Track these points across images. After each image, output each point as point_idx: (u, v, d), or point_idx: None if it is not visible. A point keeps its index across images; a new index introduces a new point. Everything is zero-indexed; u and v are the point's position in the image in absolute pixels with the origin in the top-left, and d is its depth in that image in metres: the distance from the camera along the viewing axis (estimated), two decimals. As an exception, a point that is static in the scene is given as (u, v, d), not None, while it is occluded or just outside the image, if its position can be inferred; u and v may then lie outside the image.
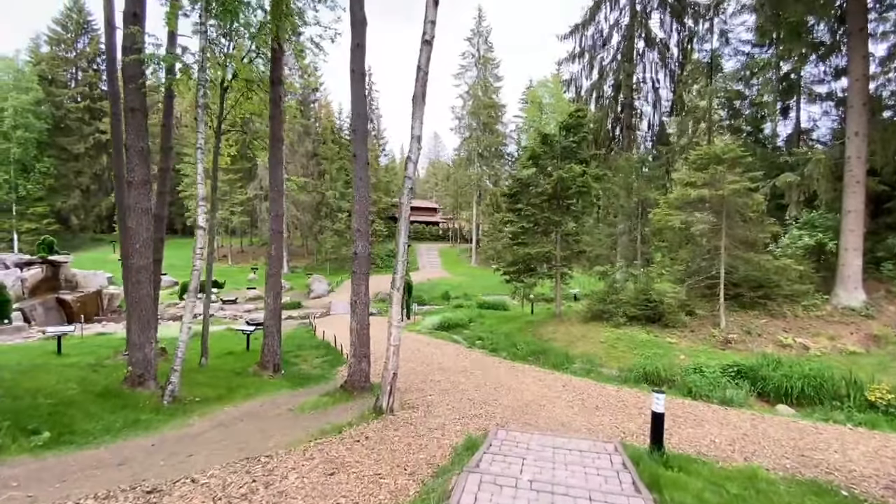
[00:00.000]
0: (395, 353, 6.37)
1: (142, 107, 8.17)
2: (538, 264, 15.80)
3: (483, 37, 49.58)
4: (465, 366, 11.06)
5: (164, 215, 13.24)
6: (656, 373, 10.01)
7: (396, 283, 6.28)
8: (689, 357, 10.85)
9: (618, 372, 11.04)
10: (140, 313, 8.16)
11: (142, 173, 8.08)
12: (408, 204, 6.19)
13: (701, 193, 11.00)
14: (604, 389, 8.32)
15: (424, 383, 9.26)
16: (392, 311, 6.32)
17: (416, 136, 6.16)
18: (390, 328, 6.37)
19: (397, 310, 6.31)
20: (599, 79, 22.90)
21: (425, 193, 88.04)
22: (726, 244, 11.69)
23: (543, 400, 7.62)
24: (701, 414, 6.82)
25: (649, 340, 12.16)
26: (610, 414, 6.74)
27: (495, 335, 15.63)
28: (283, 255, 10.36)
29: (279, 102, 11.02)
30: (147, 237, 8.19)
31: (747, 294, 12.53)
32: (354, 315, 8.85)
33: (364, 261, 8.79)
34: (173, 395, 7.58)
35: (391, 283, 6.39)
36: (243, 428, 6.44)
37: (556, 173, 13.85)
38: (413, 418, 6.36)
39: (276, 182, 11.06)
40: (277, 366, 10.99)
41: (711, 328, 12.00)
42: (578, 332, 13.81)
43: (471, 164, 49.73)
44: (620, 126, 23.36)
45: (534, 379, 9.34)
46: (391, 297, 6.33)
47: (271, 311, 11.02)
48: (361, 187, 8.73)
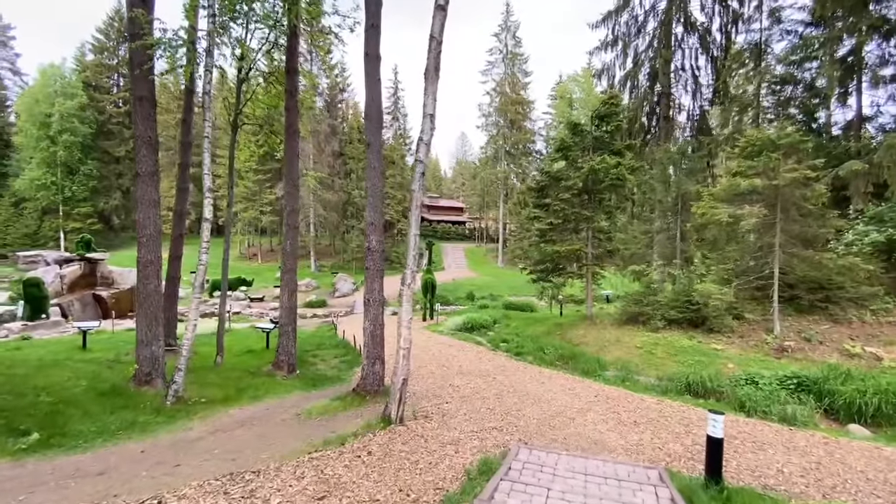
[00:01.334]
0: (406, 356, 5.73)
1: (150, 95, 7.88)
2: (567, 263, 14.86)
3: (511, 32, 48.58)
4: (486, 370, 10.33)
5: (185, 212, 13.17)
6: (701, 383, 8.98)
7: (407, 279, 5.64)
8: (738, 366, 9.73)
9: (656, 381, 10.04)
10: (148, 309, 7.87)
11: (149, 165, 7.78)
12: (420, 192, 5.54)
13: (753, 184, 9.84)
14: (642, 401, 7.40)
15: (442, 389, 8.59)
16: (402, 311, 5.69)
17: (428, 115, 5.51)
18: (400, 328, 5.73)
19: (408, 308, 5.67)
20: (634, 67, 21.62)
21: (452, 193, 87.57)
22: (781, 241, 10.46)
23: (572, 411, 6.81)
24: (761, 435, 5.84)
25: (692, 346, 11.06)
26: (650, 431, 5.87)
27: (521, 338, 14.79)
28: (297, 251, 9.93)
29: (295, 93, 10.62)
30: (154, 231, 7.90)
31: (805, 296, 11.21)
32: (368, 314, 8.30)
33: (378, 256, 8.22)
34: (177, 395, 7.22)
35: (402, 280, 5.76)
36: (242, 434, 5.96)
37: (588, 165, 12.90)
38: (425, 430, 5.70)
39: (291, 175, 10.67)
40: (292, 366, 10.58)
41: (764, 334, 10.78)
42: (611, 336, 12.81)
43: (497, 162, 48.77)
44: (657, 117, 22.00)
45: (562, 387, 8.51)
46: (402, 295, 5.69)
47: (286, 309, 10.63)
48: (374, 177, 8.16)
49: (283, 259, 10.72)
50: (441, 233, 60.66)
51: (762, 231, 10.92)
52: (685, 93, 21.71)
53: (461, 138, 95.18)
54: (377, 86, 8.31)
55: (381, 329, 8.35)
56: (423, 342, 14.71)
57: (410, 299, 5.68)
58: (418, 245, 5.66)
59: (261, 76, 11.12)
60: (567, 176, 14.14)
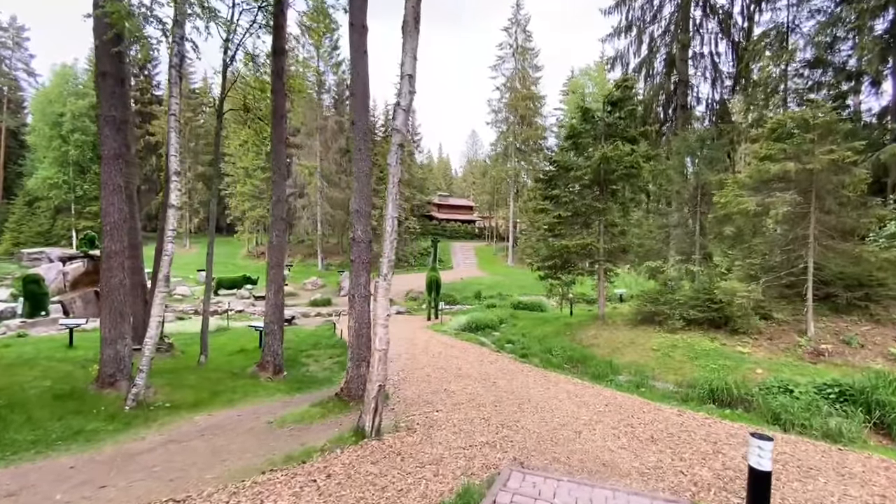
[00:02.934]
0: (382, 360, 4.91)
1: (115, 70, 7.22)
2: (578, 259, 13.89)
3: (521, 26, 47.47)
4: (487, 373, 9.48)
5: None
6: (727, 390, 8.00)
7: (383, 269, 4.83)
8: (768, 371, 8.70)
9: (675, 387, 9.07)
10: (112, 305, 7.21)
11: (114, 146, 7.12)
12: (397, 166, 4.73)
13: (784, 168, 8.80)
14: (659, 412, 6.48)
15: (435, 394, 7.77)
16: (377, 306, 4.88)
17: (406, 75, 4.69)
18: (375, 327, 4.92)
19: (384, 304, 4.86)
20: (649, 54, 20.49)
21: (462, 192, 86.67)
22: (816, 232, 9.39)
23: (579, 423, 5.92)
24: (805, 456, 4.88)
25: (714, 349, 10.04)
26: (671, 450, 4.95)
27: (527, 338, 13.90)
28: (285, 245, 9.18)
29: (282, 74, 9.91)
30: (119, 219, 7.23)
31: (842, 294, 10.11)
32: (353, 311, 7.52)
33: (364, 246, 7.43)
34: (137, 399, 6.53)
35: (378, 271, 4.94)
36: (198, 447, 5.21)
37: (600, 152, 11.94)
38: (404, 445, 4.88)
39: (278, 163, 9.95)
40: (278, 367, 9.87)
41: (795, 336, 9.71)
42: (625, 337, 11.84)
43: (507, 159, 47.73)
44: (673, 106, 20.85)
45: (568, 393, 7.61)
46: (377, 289, 4.88)
47: (272, 307, 9.92)
48: (360, 160, 7.37)
49: (269, 253, 10.02)
50: (450, 231, 59.84)
51: (794, 222, 9.85)
52: (704, 80, 20.52)
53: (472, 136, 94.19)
54: (363, 59, 7.52)
55: (368, 328, 7.56)
56: (424, 342, 13.91)
57: (387, 293, 4.86)
58: (395, 230, 4.85)
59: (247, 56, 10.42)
60: (577, 165, 13.19)
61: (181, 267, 43.05)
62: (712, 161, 14.12)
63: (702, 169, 13.81)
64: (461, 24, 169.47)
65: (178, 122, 6.97)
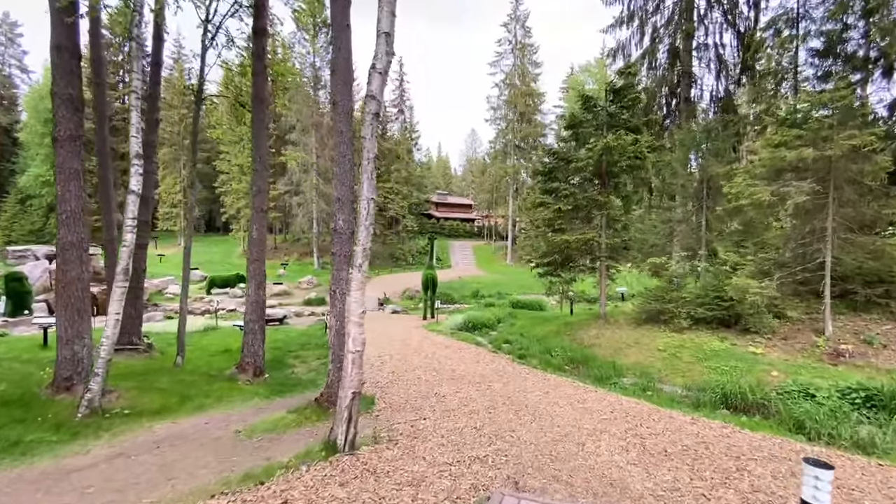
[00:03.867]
0: (357, 363, 4.27)
1: (71, 44, 6.58)
2: (579, 255, 13.25)
3: (520, 22, 46.84)
4: (482, 375, 8.85)
5: (151, 196, 11.95)
6: (741, 394, 7.37)
7: (357, 258, 4.19)
8: (784, 374, 8.07)
9: (683, 390, 8.44)
10: (69, 300, 6.57)
11: (70, 127, 6.47)
12: (372, 140, 4.10)
13: (801, 155, 8.17)
14: (671, 420, 5.84)
15: (425, 398, 7.14)
16: (350, 302, 4.24)
17: (383, 33, 4.06)
18: (348, 326, 4.29)
19: (358, 299, 4.22)
20: (652, 45, 19.83)
21: (462, 191, 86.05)
22: (834, 224, 8.76)
23: (582, 433, 5.29)
24: (843, 474, 4.25)
25: (724, 349, 9.41)
26: (688, 466, 4.32)
27: (526, 338, 13.26)
28: (265, 238, 8.53)
29: (263, 56, 9.27)
30: (76, 207, 6.59)
31: (861, 291, 9.47)
32: (333, 308, 6.90)
33: (347, 238, 6.80)
34: (91, 406, 5.88)
35: (350, 261, 4.31)
36: (147, 462, 4.57)
37: (602, 141, 11.30)
38: (381, 461, 4.25)
39: (259, 152, 9.31)
40: (259, 368, 9.23)
41: (812, 335, 9.08)
42: (628, 337, 11.20)
43: (507, 157, 47.10)
44: (677, 99, 20.20)
45: (570, 398, 6.97)
46: (349, 281, 4.24)
47: (252, 304, 9.28)
48: (342, 144, 6.74)
49: (250, 247, 9.38)
50: (449, 230, 59.19)
51: (809, 214, 9.22)
52: (708, 72, 19.85)
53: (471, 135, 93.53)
54: (346, 33, 6.88)
55: (350, 327, 6.92)
56: (417, 342, 13.29)
57: (362, 286, 4.23)
58: (372, 214, 4.21)
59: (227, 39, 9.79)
60: (577, 157, 12.55)
61: (174, 266, 42.38)
62: (719, 153, 13.49)
63: (708, 160, 13.17)
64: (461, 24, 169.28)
65: (139, 99, 6.33)
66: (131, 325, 11.32)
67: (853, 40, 15.82)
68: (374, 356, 11.41)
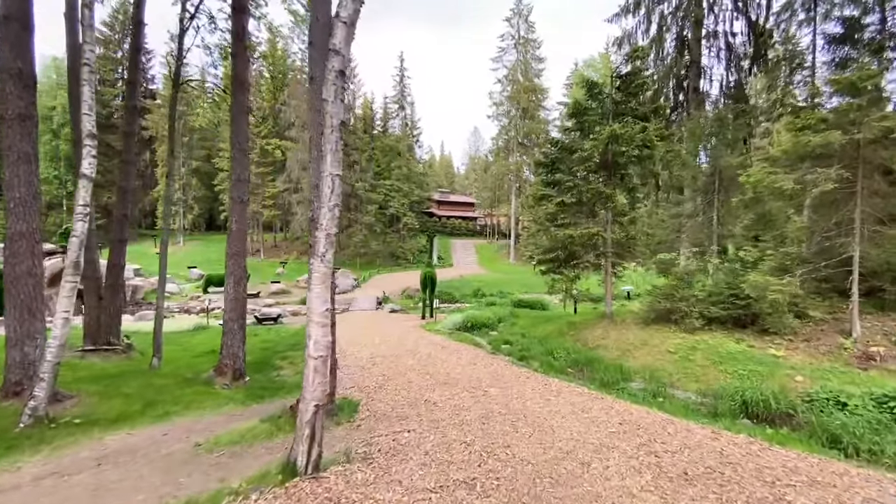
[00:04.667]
0: (319, 371, 3.61)
1: (19, 13, 5.94)
2: (583, 251, 12.54)
3: (523, 16, 46.07)
4: (478, 379, 8.17)
5: (131, 188, 11.35)
6: (763, 402, 6.68)
7: (319, 247, 3.53)
8: (809, 379, 7.36)
9: (697, 396, 7.74)
10: (18, 298, 5.94)
11: (18, 105, 5.85)
12: (336, 104, 3.44)
13: (827, 139, 7.44)
14: (689, 433, 5.14)
15: (413, 406, 6.48)
16: (311, 298, 3.58)
17: (348, -25, 3.38)
18: (308, 327, 3.62)
19: (321, 295, 3.56)
20: (659, 33, 19.09)
21: (464, 189, 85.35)
22: (863, 216, 8.02)
23: (587, 450, 4.60)
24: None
25: (741, 352, 8.69)
26: (715, 495, 3.62)
27: (527, 339, 12.58)
28: (246, 230, 7.87)
29: (243, 36, 8.63)
30: (28, 193, 5.96)
31: (890, 288, 8.74)
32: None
33: (325, 229, 6.14)
34: (35, 414, 5.25)
35: (312, 251, 3.63)
36: (80, 483, 3.93)
37: (608, 129, 10.59)
38: (348, 487, 3.58)
39: (239, 138, 8.67)
40: (239, 371, 8.58)
41: (839, 337, 8.35)
42: (636, 337, 10.50)
43: (509, 154, 46.37)
44: (685, 90, 19.45)
45: (573, 406, 6.28)
46: (311, 273, 3.58)
47: (231, 301, 8.64)
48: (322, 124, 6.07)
49: (229, 240, 8.74)
50: (451, 228, 58.53)
51: (834, 204, 8.48)
52: (718, 61, 19.09)
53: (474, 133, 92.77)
54: (326, 2, 6.21)
55: (330, 326, 6.26)
56: (412, 343, 12.62)
57: (326, 280, 3.56)
58: (338, 194, 3.55)
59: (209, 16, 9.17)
60: (582, 147, 11.84)
61: (173, 264, 41.85)
62: (732, 142, 12.75)
63: (720, 150, 12.43)
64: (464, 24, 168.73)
65: (91, 73, 5.68)
66: (109, 325, 10.76)
67: (872, 26, 15.05)
68: (366, 357, 10.77)
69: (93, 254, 10.83)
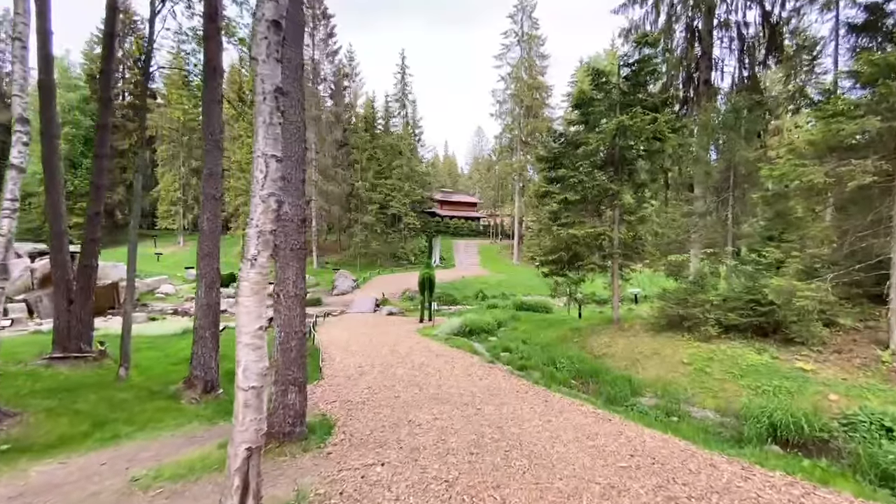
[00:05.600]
0: (253, 405, 2.83)
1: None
2: (587, 252, 11.73)
3: (527, 13, 45.19)
4: (472, 394, 7.39)
5: (104, 184, 10.69)
6: (795, 425, 5.84)
7: (250, 248, 2.76)
8: (845, 397, 6.52)
9: (716, 415, 6.93)
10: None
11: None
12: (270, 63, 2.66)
13: (864, 125, 6.61)
14: (714, 471, 4.32)
15: (395, 428, 5.71)
16: (239, 313, 2.81)
17: None
18: (238, 349, 2.85)
19: (252, 307, 2.79)
20: (668, 23, 18.19)
21: (468, 189, 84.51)
22: (902, 213, 7.15)
23: (592, 494, 3.81)
24: None
25: (763, 364, 7.86)
26: (757, 565, 2.82)
27: (529, 346, 11.80)
28: (219, 230, 7.12)
29: (217, 17, 7.92)
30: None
31: (930, 295, 7.85)
32: (277, 316, 5.50)
33: (295, 228, 5.43)
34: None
35: (244, 251, 2.87)
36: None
37: (616, 121, 9.78)
38: (289, 553, 2.82)
39: (210, 128, 7.94)
40: (211, 384, 7.86)
41: (874, 348, 7.50)
42: (646, 346, 9.68)
43: (513, 153, 45.51)
44: (695, 83, 18.53)
45: (577, 431, 5.49)
46: (240, 282, 2.81)
47: (203, 307, 7.92)
48: (291, 107, 5.33)
49: (200, 240, 8.02)
50: (454, 229, 57.70)
51: (868, 201, 7.62)
52: (730, 53, 18.14)
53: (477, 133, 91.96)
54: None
55: (299, 338, 5.53)
56: (406, 350, 11.85)
57: (260, 290, 2.80)
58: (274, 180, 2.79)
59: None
60: (587, 140, 11.03)
61: (172, 265, 41.50)
62: (748, 135, 11.88)
63: (736, 145, 11.57)
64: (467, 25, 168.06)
65: (23, 49, 4.97)
66: (80, 331, 10.08)
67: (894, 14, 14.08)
68: (354, 366, 10.03)
69: (64, 255, 10.18)
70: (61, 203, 10.35)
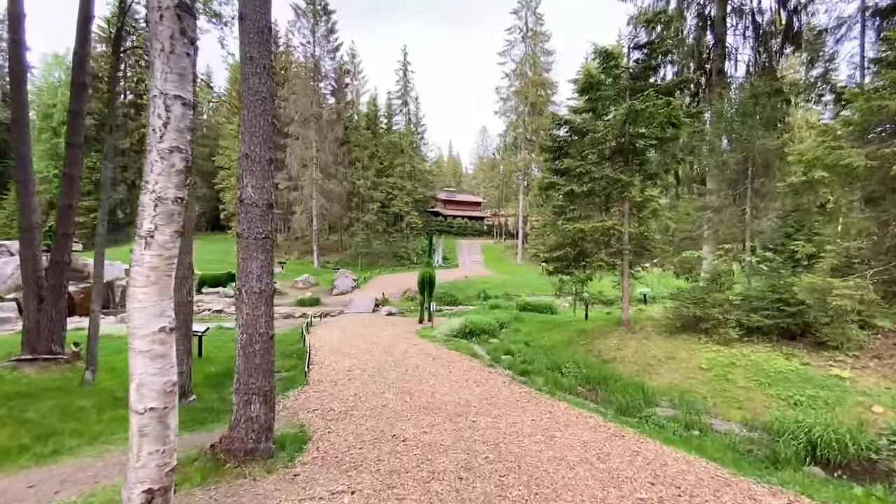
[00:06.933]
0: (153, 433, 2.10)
1: None
2: (595, 248, 10.95)
3: (531, 9, 44.38)
4: (468, 402, 6.66)
5: (77, 176, 10.08)
6: (838, 443, 5.05)
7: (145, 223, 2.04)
8: (890, 409, 5.71)
9: (743, 429, 6.12)
10: None
11: None
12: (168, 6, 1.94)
13: (914, 100, 5.82)
14: (753, 503, 3.55)
15: (376, 444, 4.99)
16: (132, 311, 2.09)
17: None
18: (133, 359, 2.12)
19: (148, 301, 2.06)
20: (679, 9, 17.37)
21: (472, 189, 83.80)
22: (952, 201, 6.34)
23: (607, 535, 3.05)
24: None
25: (793, 371, 7.05)
26: None
27: (532, 348, 11.04)
28: (192, 220, 6.42)
29: None
30: None
31: (981, 294, 7.03)
32: (240, 315, 4.81)
33: (258, 215, 4.74)
34: None
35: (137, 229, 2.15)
36: None
37: (626, 105, 9.01)
38: None
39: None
40: (182, 389, 7.17)
41: (920, 354, 6.67)
42: (659, 349, 8.89)
43: (517, 151, 44.70)
44: (707, 73, 17.69)
45: (585, 448, 4.73)
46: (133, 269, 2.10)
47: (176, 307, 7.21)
48: (255, 76, 4.65)
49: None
50: (458, 228, 57.00)
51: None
52: (744, 41, 17.29)
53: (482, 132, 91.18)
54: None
55: (263, 342, 4.81)
56: (401, 352, 11.12)
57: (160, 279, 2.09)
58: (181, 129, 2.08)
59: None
60: (595, 128, 10.26)
61: (171, 264, 41.14)
62: (768, 123, 11.06)
63: (756, 133, 10.74)
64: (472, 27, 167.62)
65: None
66: (51, 331, 9.45)
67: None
68: (344, 370, 9.31)
69: (34, 250, 9.58)
70: (32, 195, 9.75)
